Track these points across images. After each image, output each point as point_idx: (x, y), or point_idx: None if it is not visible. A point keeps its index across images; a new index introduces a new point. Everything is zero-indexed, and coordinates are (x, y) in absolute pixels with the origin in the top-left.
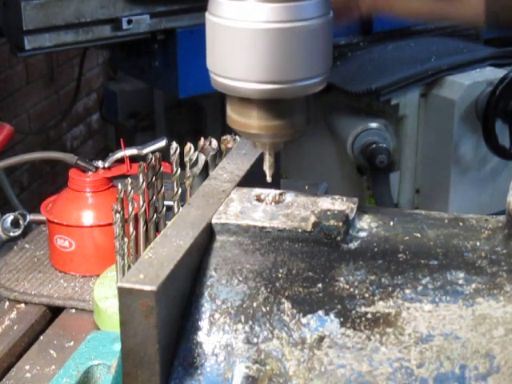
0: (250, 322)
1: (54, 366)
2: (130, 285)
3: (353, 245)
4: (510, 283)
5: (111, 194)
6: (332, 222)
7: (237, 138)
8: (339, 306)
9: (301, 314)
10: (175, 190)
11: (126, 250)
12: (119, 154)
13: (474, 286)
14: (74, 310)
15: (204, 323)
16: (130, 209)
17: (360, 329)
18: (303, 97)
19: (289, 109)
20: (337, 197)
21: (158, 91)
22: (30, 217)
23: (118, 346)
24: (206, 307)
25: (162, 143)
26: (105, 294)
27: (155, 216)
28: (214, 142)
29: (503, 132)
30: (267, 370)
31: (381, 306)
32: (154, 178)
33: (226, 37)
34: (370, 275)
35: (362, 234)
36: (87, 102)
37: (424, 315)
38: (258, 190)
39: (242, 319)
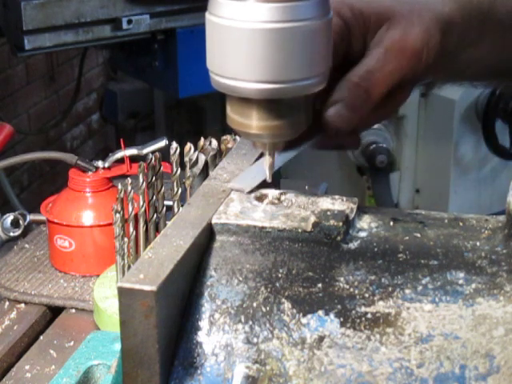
0: (250, 322)
1: (53, 366)
2: (130, 285)
3: (353, 245)
4: (510, 283)
5: (111, 194)
6: (332, 222)
7: (237, 138)
8: (339, 306)
9: (301, 314)
10: (175, 189)
11: (126, 250)
12: (119, 154)
13: (473, 286)
14: (74, 310)
15: (204, 323)
16: (130, 209)
17: (360, 329)
18: (303, 96)
19: (289, 109)
20: (337, 197)
21: (157, 91)
22: (29, 217)
23: (118, 346)
24: (206, 307)
25: (162, 143)
26: (105, 293)
27: (155, 216)
28: (214, 142)
29: (503, 132)
30: (267, 370)
31: (381, 306)
32: (154, 178)
33: (226, 37)
34: (370, 275)
35: (362, 234)
36: (87, 102)
37: (424, 315)
38: (258, 190)
39: (242, 319)
